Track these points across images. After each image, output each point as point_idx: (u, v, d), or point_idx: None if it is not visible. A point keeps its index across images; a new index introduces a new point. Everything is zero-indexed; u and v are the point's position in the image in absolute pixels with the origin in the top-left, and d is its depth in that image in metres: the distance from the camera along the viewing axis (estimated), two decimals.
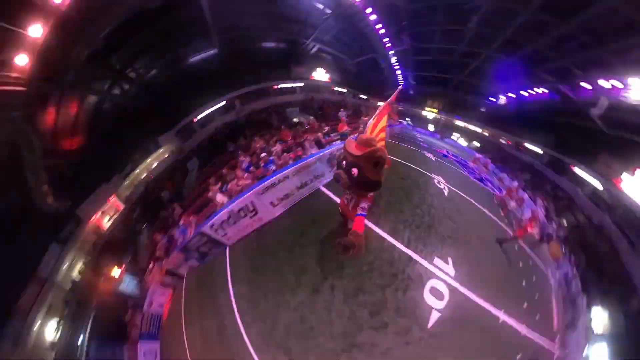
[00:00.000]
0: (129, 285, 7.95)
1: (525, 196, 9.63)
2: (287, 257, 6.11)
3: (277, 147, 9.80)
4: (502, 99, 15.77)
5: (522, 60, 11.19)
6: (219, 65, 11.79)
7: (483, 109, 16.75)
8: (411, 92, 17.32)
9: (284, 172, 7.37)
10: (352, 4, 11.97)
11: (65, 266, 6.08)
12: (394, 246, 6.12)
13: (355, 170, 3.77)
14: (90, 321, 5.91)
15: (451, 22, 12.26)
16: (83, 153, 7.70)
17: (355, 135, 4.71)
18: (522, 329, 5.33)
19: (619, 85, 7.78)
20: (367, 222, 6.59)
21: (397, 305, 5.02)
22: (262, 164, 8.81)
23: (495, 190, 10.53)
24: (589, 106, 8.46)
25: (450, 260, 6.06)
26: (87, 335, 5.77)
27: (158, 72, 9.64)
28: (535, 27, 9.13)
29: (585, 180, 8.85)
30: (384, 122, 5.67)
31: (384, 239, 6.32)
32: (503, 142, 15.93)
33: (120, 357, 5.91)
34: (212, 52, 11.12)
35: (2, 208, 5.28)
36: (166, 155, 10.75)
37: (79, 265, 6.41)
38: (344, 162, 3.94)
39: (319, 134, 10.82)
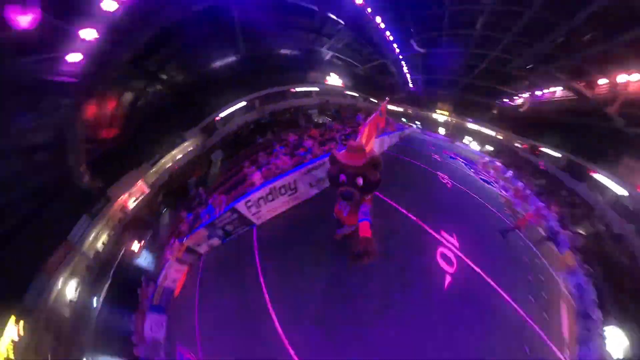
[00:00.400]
0: (146, 259, 8.65)
1: (529, 192, 9.38)
2: (312, 231, 6.33)
3: (309, 142, 10.40)
4: (518, 100, 14.71)
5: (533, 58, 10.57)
6: (241, 70, 12.64)
7: (495, 111, 15.89)
8: (421, 95, 17.07)
9: (321, 159, 7.74)
10: (363, 13, 12.22)
11: (91, 237, 6.82)
12: (408, 217, 6.67)
13: (360, 180, 3.77)
14: (106, 287, 6.52)
15: (458, 27, 12.02)
16: (117, 141, 8.66)
17: (339, 147, 4.83)
18: (529, 319, 5.24)
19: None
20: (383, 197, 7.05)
21: (418, 267, 5.43)
22: (302, 153, 9.35)
23: (502, 190, 10.15)
24: (604, 104, 7.71)
25: (454, 235, 6.55)
26: (101, 299, 6.36)
27: (186, 76, 10.61)
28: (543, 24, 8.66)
29: (606, 186, 8.02)
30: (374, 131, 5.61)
31: (398, 209, 6.82)
32: (517, 145, 15.06)
33: (128, 325, 6.42)
34: (235, 58, 12.00)
35: (45, 181, 6.16)
36: (190, 148, 11.69)
37: (103, 237, 7.14)
38: (343, 176, 3.86)
39: (345, 133, 11.32)
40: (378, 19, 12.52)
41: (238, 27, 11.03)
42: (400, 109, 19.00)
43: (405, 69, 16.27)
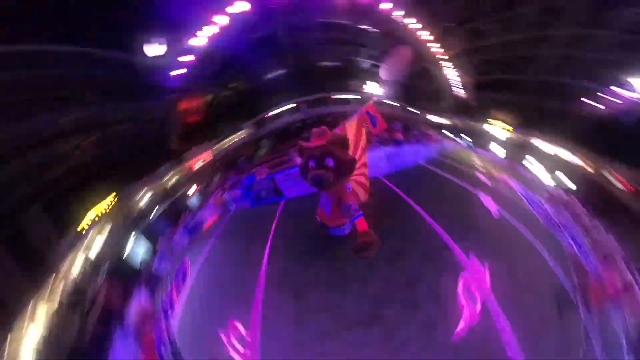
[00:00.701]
0: (195, 199, 13.03)
1: (620, 253, 5.20)
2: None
3: None
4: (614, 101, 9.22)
5: None
6: (290, 80, 16.12)
7: (577, 119, 11.77)
8: (472, 102, 15.39)
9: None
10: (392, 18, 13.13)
11: (166, 178, 11.54)
12: (433, 228, 5.47)
13: (329, 160, 3.40)
14: (167, 205, 10.93)
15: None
16: (198, 125, 13.58)
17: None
18: None
19: None
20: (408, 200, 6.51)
21: (431, 284, 4.17)
22: None
23: (571, 240, 6.09)
24: None
25: (487, 266, 4.58)
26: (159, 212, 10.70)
27: (247, 85, 14.97)
28: None
29: None
30: (363, 140, 5.04)
31: (423, 219, 5.80)
32: (609, 177, 9.14)
33: (165, 230, 10.41)
34: (285, 71, 15.55)
35: (154, 147, 11.23)
36: (244, 135, 16.02)
37: (172, 181, 11.81)
38: (312, 162, 3.53)
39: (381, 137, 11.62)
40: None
41: (286, 46, 14.52)
42: (445, 120, 17.39)
43: (451, 72, 15.61)
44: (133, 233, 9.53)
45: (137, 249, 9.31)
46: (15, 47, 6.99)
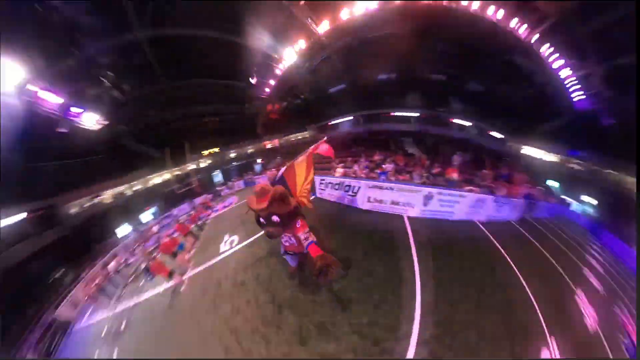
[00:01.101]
0: (258, 167, 19.73)
1: None
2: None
3: (389, 166, 10.74)
4: None
5: None
6: (349, 95, 19.61)
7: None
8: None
9: (391, 184, 8.21)
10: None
11: (248, 148, 18.78)
12: None
13: (275, 217, 3.90)
14: (236, 165, 18.06)
15: None
16: (276, 121, 20.35)
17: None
18: None
19: None
20: None
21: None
22: (378, 172, 10.25)
23: None
24: None
25: None
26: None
27: (314, 96, 20.22)
28: None
29: None
30: (311, 175, 5.52)
31: None
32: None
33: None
34: (344, 86, 19.31)
35: (249, 129, 18.79)
36: (307, 135, 21.36)
37: (250, 150, 18.93)
38: (262, 220, 4.04)
39: (426, 172, 10.20)
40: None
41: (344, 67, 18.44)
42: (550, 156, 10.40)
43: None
44: (218, 170, 17.11)
45: (216, 177, 16.79)
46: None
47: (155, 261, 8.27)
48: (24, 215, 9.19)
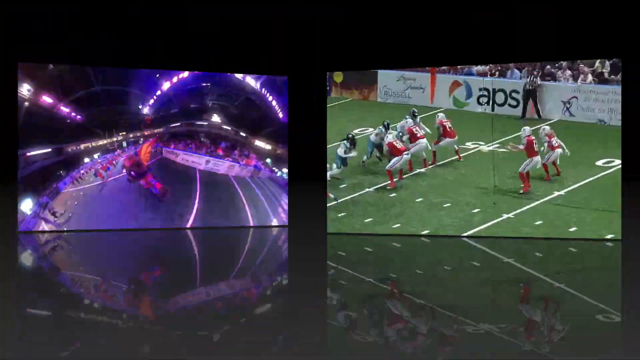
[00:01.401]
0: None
1: None
2: None
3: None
4: None
5: None
6: None
7: None
8: None
9: (194, 153, 9.01)
10: None
11: None
12: None
13: (133, 173, 6.38)
14: None
15: None
16: None
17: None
18: None
19: None
20: None
21: None
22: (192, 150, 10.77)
23: None
24: None
25: None
26: None
27: None
28: None
29: None
30: (149, 148, 6.98)
31: None
32: None
33: None
34: None
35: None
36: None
37: None
38: (132, 172, 6.34)
39: (208, 151, 11.11)
40: None
41: None
42: None
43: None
44: None
45: None
46: None
47: None
48: None
